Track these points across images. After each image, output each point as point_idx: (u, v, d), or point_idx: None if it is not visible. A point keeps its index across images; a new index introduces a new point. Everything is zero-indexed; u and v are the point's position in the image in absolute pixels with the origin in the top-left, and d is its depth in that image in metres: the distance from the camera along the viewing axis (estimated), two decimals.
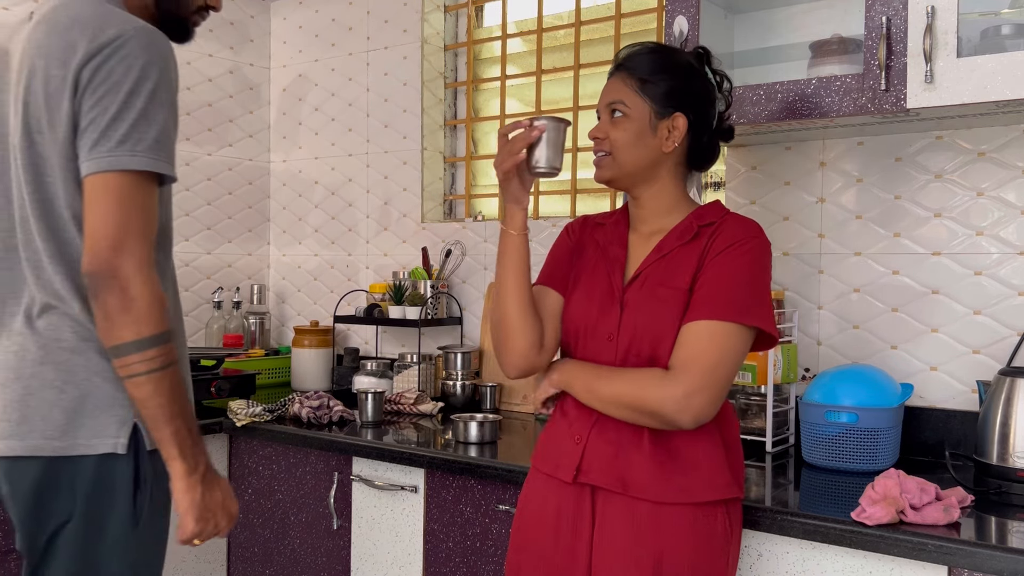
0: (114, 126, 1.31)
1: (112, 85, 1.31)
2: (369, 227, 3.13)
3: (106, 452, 1.36)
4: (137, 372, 1.31)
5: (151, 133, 1.33)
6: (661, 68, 1.50)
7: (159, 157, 1.34)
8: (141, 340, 1.31)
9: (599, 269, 1.55)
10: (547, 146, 1.48)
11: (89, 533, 1.37)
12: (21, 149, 1.38)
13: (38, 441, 1.35)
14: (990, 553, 1.36)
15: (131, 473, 1.38)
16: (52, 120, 1.34)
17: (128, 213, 1.31)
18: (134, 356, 1.31)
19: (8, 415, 1.36)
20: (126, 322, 1.30)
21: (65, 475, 1.36)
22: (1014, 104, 1.68)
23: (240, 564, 2.46)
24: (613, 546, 1.44)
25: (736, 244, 1.44)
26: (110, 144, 1.30)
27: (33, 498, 1.36)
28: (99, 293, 1.30)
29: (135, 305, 1.30)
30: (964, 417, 1.98)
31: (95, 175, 1.31)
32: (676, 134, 1.50)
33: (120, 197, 1.31)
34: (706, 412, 1.39)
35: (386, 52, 3.08)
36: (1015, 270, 1.95)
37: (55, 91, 1.33)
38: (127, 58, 1.32)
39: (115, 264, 1.29)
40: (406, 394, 2.53)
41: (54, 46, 1.34)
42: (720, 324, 1.39)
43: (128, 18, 1.37)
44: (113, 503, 1.37)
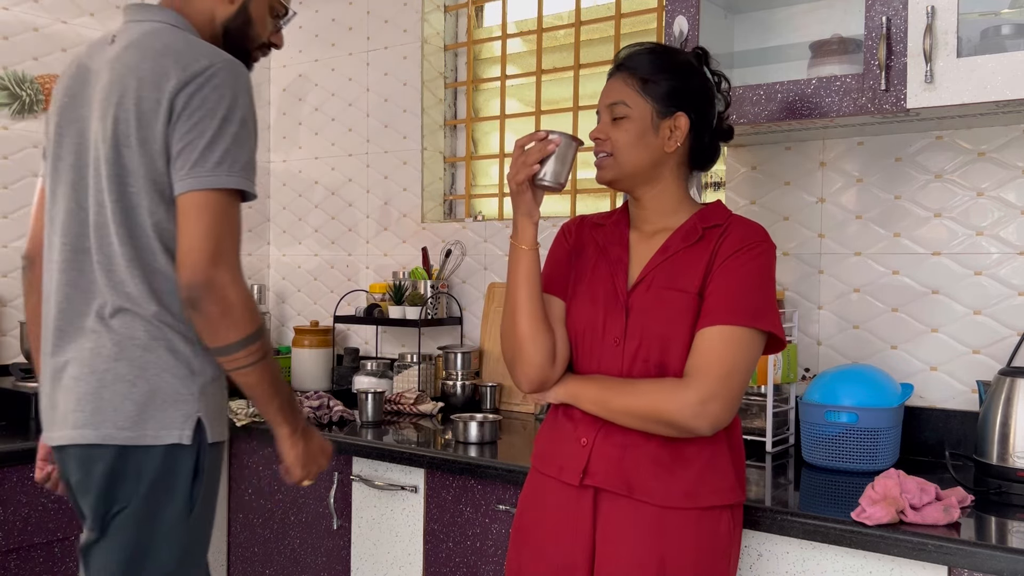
0: (211, 148, 1.44)
1: (207, 111, 1.45)
2: (369, 227, 3.13)
3: (172, 443, 1.48)
4: (243, 365, 1.49)
5: (243, 156, 1.48)
6: (662, 68, 1.50)
7: (249, 177, 1.50)
8: (243, 339, 1.47)
9: (601, 271, 1.54)
10: (556, 160, 1.48)
11: (147, 518, 1.49)
12: (107, 160, 1.48)
13: (110, 431, 1.46)
14: (990, 553, 1.36)
15: (192, 464, 1.51)
16: (143, 137, 1.46)
17: (223, 228, 1.46)
18: (239, 353, 1.48)
19: (82, 406, 1.47)
20: (228, 326, 1.45)
21: (133, 463, 1.47)
22: (1014, 104, 1.68)
23: (240, 564, 2.46)
24: (617, 548, 1.44)
25: (746, 248, 1.44)
26: (208, 165, 1.44)
27: (103, 483, 1.47)
28: (200, 303, 1.44)
29: (234, 311, 1.45)
30: (964, 417, 1.98)
31: (194, 193, 1.44)
32: (678, 133, 1.50)
33: (216, 213, 1.45)
34: (723, 418, 1.39)
35: (386, 52, 3.08)
36: (1015, 270, 1.95)
37: (147, 111, 1.46)
38: (219, 87, 1.46)
39: (213, 275, 1.43)
40: (406, 394, 2.53)
41: (146, 70, 1.47)
42: (734, 329, 1.39)
43: (215, 50, 1.51)
44: (173, 492, 1.50)
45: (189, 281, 1.43)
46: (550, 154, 1.47)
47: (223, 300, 1.44)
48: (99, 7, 2.85)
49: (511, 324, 1.52)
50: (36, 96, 2.68)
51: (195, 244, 1.43)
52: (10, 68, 2.64)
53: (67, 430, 1.49)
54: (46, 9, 2.73)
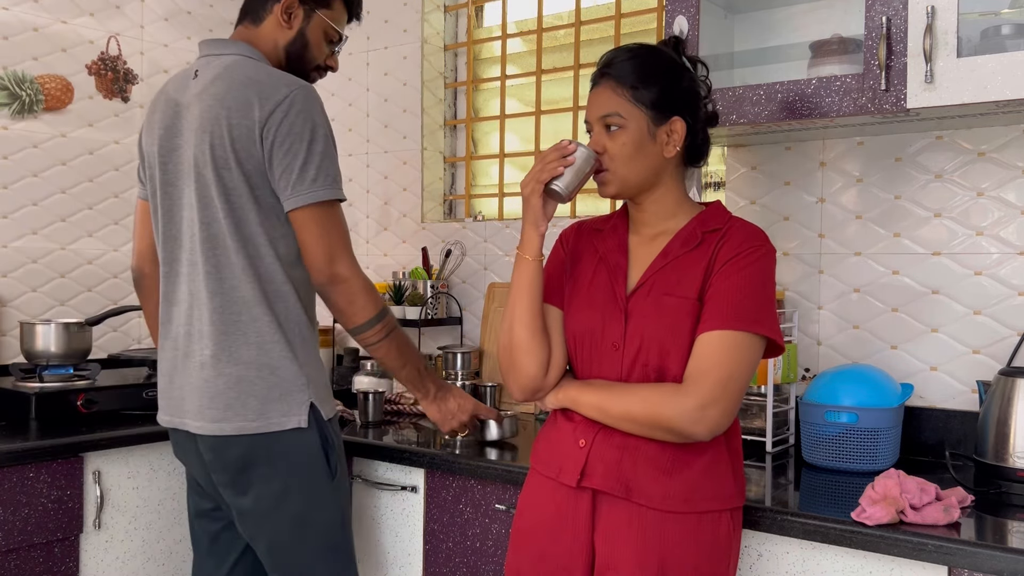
0: (306, 169, 1.69)
1: (296, 136, 1.69)
2: (369, 227, 3.13)
3: (293, 427, 1.74)
4: (373, 341, 1.79)
5: (332, 170, 1.73)
6: (650, 73, 1.47)
7: (339, 187, 1.75)
8: (370, 320, 1.76)
9: (600, 276, 1.54)
10: (572, 172, 1.48)
11: (297, 490, 1.76)
12: (211, 181, 1.72)
13: (241, 423, 1.73)
14: (990, 553, 1.36)
15: (319, 440, 1.77)
16: (239, 159, 1.70)
17: (331, 232, 1.72)
18: (368, 332, 1.77)
19: (216, 404, 1.73)
20: (356, 311, 1.75)
21: (264, 448, 1.73)
22: (1014, 104, 1.68)
23: None
24: (616, 549, 1.44)
25: (745, 253, 1.44)
26: (306, 183, 1.69)
27: (239, 464, 1.75)
28: (330, 296, 1.75)
29: (357, 298, 1.75)
30: (964, 417, 1.98)
31: (301, 209, 1.70)
32: (676, 138, 1.49)
33: (323, 222, 1.72)
34: (721, 423, 1.39)
35: (386, 52, 3.08)
36: (1015, 270, 1.95)
37: (240, 136, 1.69)
38: (302, 112, 1.70)
39: (334, 273, 1.72)
40: (406, 394, 2.53)
41: (233, 99, 1.70)
42: (733, 334, 1.39)
43: (289, 77, 1.75)
44: (310, 465, 1.77)
45: (317, 281, 1.74)
46: (568, 164, 1.47)
47: (347, 291, 1.74)
48: (99, 7, 2.85)
49: (508, 334, 1.53)
50: (36, 96, 2.68)
51: (313, 250, 1.71)
52: (10, 68, 2.64)
53: (203, 422, 1.75)
54: (46, 9, 2.73)
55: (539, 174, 1.48)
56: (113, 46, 2.89)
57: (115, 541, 2.18)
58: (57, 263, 2.76)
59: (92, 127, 2.84)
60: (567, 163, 1.47)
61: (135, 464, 2.22)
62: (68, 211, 2.78)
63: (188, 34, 3.11)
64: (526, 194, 1.50)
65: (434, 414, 1.95)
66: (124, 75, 2.91)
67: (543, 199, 1.50)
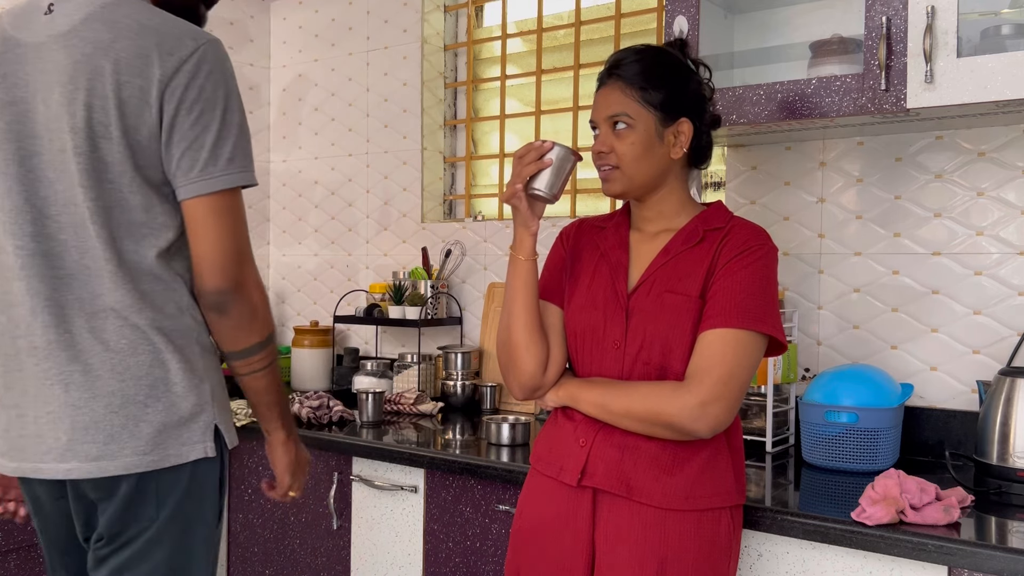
0: (220, 146, 1.36)
1: (207, 103, 1.35)
2: (369, 227, 3.13)
3: (197, 458, 1.41)
4: (259, 368, 1.47)
5: (247, 147, 1.41)
6: (659, 74, 1.47)
7: (252, 168, 1.42)
8: (263, 341, 1.45)
9: (601, 274, 1.54)
10: (551, 172, 1.48)
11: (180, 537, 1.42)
12: (80, 152, 1.34)
13: (131, 458, 1.36)
14: (990, 553, 1.36)
15: (218, 475, 1.47)
16: (126, 127, 1.34)
17: (241, 227, 1.40)
18: (257, 356, 1.45)
19: (91, 436, 1.35)
20: (255, 328, 1.43)
21: (155, 485, 1.38)
22: (1014, 104, 1.68)
23: (240, 564, 2.46)
24: (616, 549, 1.44)
25: (747, 251, 1.44)
26: (220, 164, 1.36)
27: (121, 506, 1.38)
28: (229, 306, 1.40)
29: (259, 312, 1.43)
30: (964, 417, 1.98)
31: (212, 196, 1.36)
32: (683, 139, 1.49)
33: (235, 213, 1.39)
34: (722, 421, 1.39)
35: (386, 52, 3.08)
36: (1015, 270, 1.95)
37: (131, 98, 1.33)
38: (212, 74, 1.36)
39: (240, 280, 1.39)
40: (406, 394, 2.53)
41: (123, 49, 1.33)
42: (735, 332, 1.39)
43: (192, 28, 1.40)
44: (203, 506, 1.44)
45: (216, 286, 1.38)
46: (546, 165, 1.47)
47: (249, 302, 1.41)
48: None
49: (506, 332, 1.54)
50: None
51: (219, 247, 1.37)
52: None
53: (75, 463, 1.35)
54: None
55: (515, 179, 1.48)
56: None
57: None
58: None
59: None
60: (544, 164, 1.47)
61: None
62: None
63: None
64: (507, 202, 1.51)
65: (289, 459, 1.60)
66: None
67: (529, 202, 1.51)
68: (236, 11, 3.27)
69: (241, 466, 2.45)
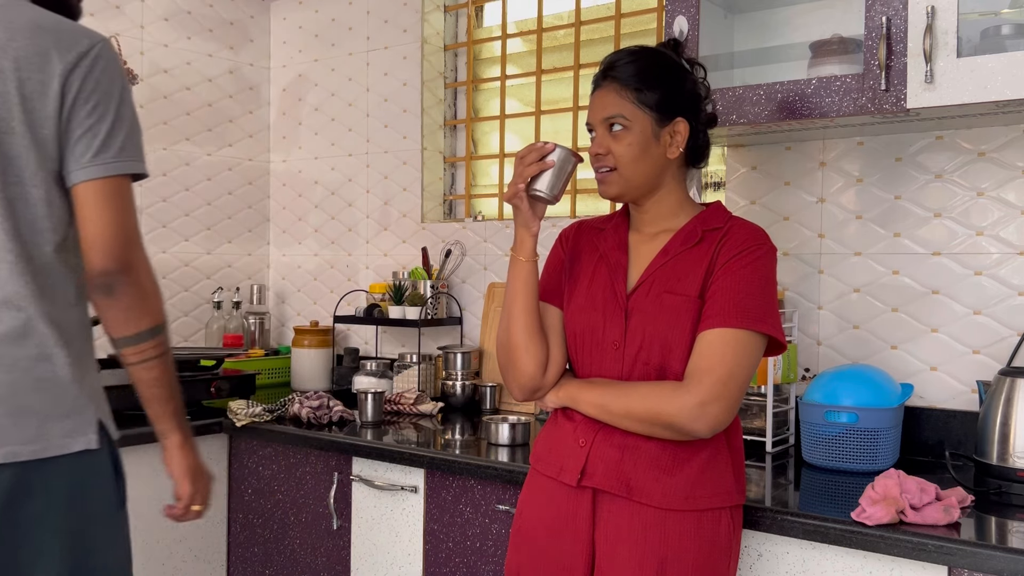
0: (114, 134, 1.41)
1: (103, 95, 1.41)
2: (369, 227, 3.13)
3: (81, 449, 1.41)
4: (151, 356, 1.46)
5: (140, 138, 1.47)
6: (654, 75, 1.48)
7: (143, 160, 1.48)
8: (154, 327, 1.45)
9: (600, 274, 1.54)
10: (553, 173, 1.48)
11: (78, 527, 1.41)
12: None
13: (14, 447, 1.36)
14: (990, 553, 1.36)
15: (110, 464, 1.47)
16: (30, 121, 1.38)
17: (132, 213, 1.44)
18: (148, 343, 1.45)
19: None
20: (144, 313, 1.43)
21: (41, 476, 1.38)
22: (1014, 104, 1.68)
23: (240, 564, 2.46)
24: (616, 548, 1.44)
25: (746, 251, 1.44)
26: (113, 150, 1.41)
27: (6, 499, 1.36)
28: (116, 288, 1.41)
29: (149, 296, 1.44)
30: (964, 417, 1.98)
31: (104, 180, 1.40)
32: (679, 139, 1.49)
33: (125, 199, 1.43)
34: (722, 420, 1.39)
35: (386, 52, 3.08)
36: (1015, 270, 1.95)
37: (32, 94, 1.38)
38: (108, 70, 1.43)
39: (130, 261, 1.41)
40: (406, 394, 2.53)
41: (21, 48, 1.38)
42: (735, 332, 1.39)
43: (84, 28, 1.46)
44: (96, 496, 1.44)
45: (105, 267, 1.40)
46: (548, 167, 1.47)
47: (139, 286, 1.42)
48: (99, 7, 2.85)
49: (505, 333, 1.54)
50: None
51: (109, 230, 1.40)
52: None
53: None
54: None
55: (517, 179, 1.49)
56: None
57: None
58: None
59: None
60: (546, 165, 1.47)
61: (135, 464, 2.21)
62: None
63: (188, 34, 3.11)
64: (508, 201, 1.51)
65: (189, 464, 1.55)
66: None
67: (530, 203, 1.51)
68: (236, 11, 3.27)
69: (241, 466, 2.45)
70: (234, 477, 2.46)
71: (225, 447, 2.47)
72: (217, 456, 2.44)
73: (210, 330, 3.09)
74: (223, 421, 2.41)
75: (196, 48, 3.13)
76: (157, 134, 3.03)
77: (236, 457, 2.46)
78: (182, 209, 3.10)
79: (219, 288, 3.12)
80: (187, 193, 3.12)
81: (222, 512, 2.47)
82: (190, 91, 3.12)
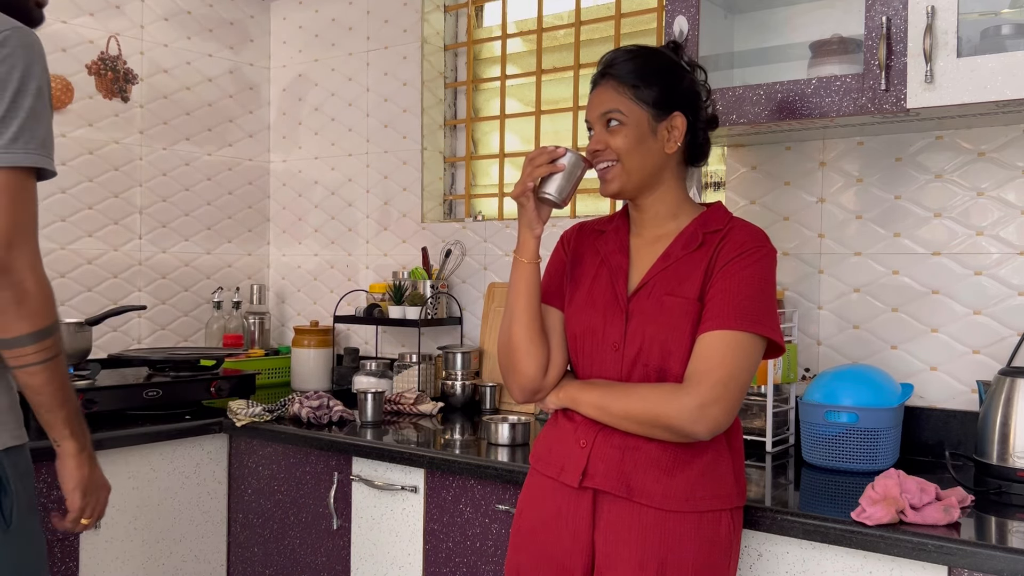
0: (5, 124, 1.33)
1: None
2: (369, 227, 3.13)
3: None
4: (32, 362, 1.37)
5: (40, 131, 1.37)
6: (651, 72, 1.48)
7: (47, 154, 1.39)
8: (37, 332, 1.36)
9: (601, 276, 1.54)
10: (562, 177, 1.49)
11: None
12: None
13: None
14: (990, 553, 1.36)
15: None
16: None
17: (19, 210, 1.34)
18: (29, 348, 1.36)
19: None
20: (22, 315, 1.34)
21: None
22: (1014, 104, 1.68)
23: (240, 564, 2.46)
24: (617, 549, 1.44)
25: (746, 253, 1.44)
26: (2, 142, 1.33)
27: None
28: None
29: (30, 299, 1.35)
30: (964, 417, 1.98)
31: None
32: (676, 133, 1.49)
33: (12, 194, 1.34)
34: (722, 423, 1.39)
35: (386, 52, 3.08)
36: (1015, 270, 1.95)
37: None
38: (9, 58, 1.35)
39: (7, 259, 1.32)
40: (406, 394, 2.53)
41: None
42: (734, 334, 1.39)
43: (2, 17, 1.39)
44: None
45: None
46: (558, 170, 1.48)
47: (17, 286, 1.34)
48: (99, 7, 2.85)
49: (506, 335, 1.54)
50: None
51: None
52: None
53: None
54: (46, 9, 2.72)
55: (527, 179, 1.49)
56: (113, 46, 2.89)
57: (115, 541, 2.18)
58: (57, 263, 2.76)
59: (92, 127, 2.84)
60: (556, 168, 1.48)
61: (135, 464, 2.22)
62: (68, 211, 2.78)
63: (188, 34, 3.11)
64: (515, 198, 1.51)
65: (81, 475, 1.47)
66: (124, 75, 2.91)
67: (536, 204, 1.51)
68: (236, 11, 3.27)
69: (241, 466, 2.45)
70: (234, 477, 2.46)
71: (225, 447, 2.47)
72: (217, 456, 2.44)
73: (210, 330, 3.09)
74: (223, 421, 2.41)
75: (196, 48, 3.13)
76: (157, 134, 3.03)
77: (236, 457, 2.46)
78: (182, 209, 3.10)
79: (219, 288, 3.12)
80: (187, 193, 3.12)
81: (222, 512, 2.47)
82: (190, 91, 3.12)
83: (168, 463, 2.27)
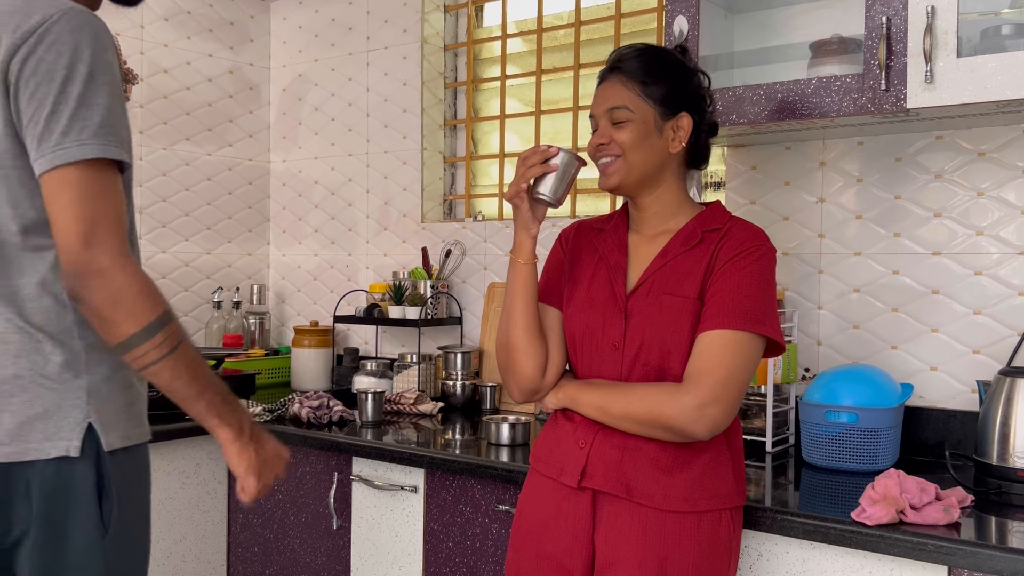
0: (55, 118, 1.25)
1: (44, 75, 1.25)
2: (369, 227, 3.13)
3: (59, 456, 1.29)
4: (152, 361, 1.29)
5: (94, 118, 1.27)
6: (660, 69, 1.49)
7: (108, 142, 1.28)
8: (144, 329, 1.27)
9: (600, 275, 1.54)
10: (556, 177, 1.48)
11: (51, 542, 1.30)
12: None
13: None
14: (990, 553, 1.36)
15: (93, 478, 1.32)
16: None
17: (91, 204, 1.25)
18: (142, 347, 1.27)
19: None
20: (122, 316, 1.26)
21: (21, 482, 1.29)
22: (1014, 104, 1.68)
23: (240, 564, 2.46)
24: (617, 549, 1.44)
25: (745, 252, 1.44)
26: (54, 137, 1.25)
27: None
28: (82, 294, 1.25)
29: (123, 296, 1.25)
30: (964, 417, 1.98)
31: (48, 172, 1.25)
32: (682, 134, 1.49)
33: (79, 190, 1.25)
34: (721, 422, 1.39)
35: (386, 52, 3.08)
36: (1015, 270, 1.95)
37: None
38: (55, 44, 1.26)
39: (88, 259, 1.24)
40: (406, 394, 2.53)
41: None
42: (734, 333, 1.39)
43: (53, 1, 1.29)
44: (75, 512, 1.31)
45: (64, 271, 1.25)
46: (551, 170, 1.47)
47: (107, 287, 1.24)
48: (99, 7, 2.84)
49: (505, 335, 1.54)
50: None
51: (61, 229, 1.24)
52: None
53: None
54: None
55: (520, 180, 1.49)
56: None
57: None
58: None
59: None
60: (550, 168, 1.48)
61: None
62: None
63: (188, 34, 3.11)
64: (509, 200, 1.51)
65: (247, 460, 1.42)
66: (124, 75, 2.91)
67: (531, 205, 1.51)
68: (236, 11, 3.27)
69: None
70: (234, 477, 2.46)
71: None
72: (217, 456, 2.44)
73: (210, 330, 3.09)
74: None
75: (196, 48, 3.13)
76: (157, 134, 3.03)
77: None
78: (182, 209, 3.10)
79: (219, 288, 3.12)
80: (187, 193, 3.12)
81: (222, 512, 2.47)
82: (190, 91, 3.12)
83: (168, 463, 2.27)
